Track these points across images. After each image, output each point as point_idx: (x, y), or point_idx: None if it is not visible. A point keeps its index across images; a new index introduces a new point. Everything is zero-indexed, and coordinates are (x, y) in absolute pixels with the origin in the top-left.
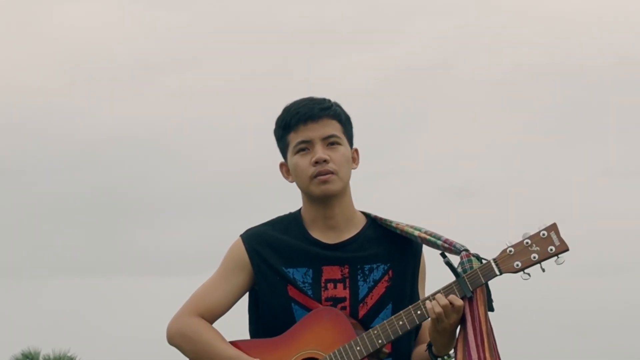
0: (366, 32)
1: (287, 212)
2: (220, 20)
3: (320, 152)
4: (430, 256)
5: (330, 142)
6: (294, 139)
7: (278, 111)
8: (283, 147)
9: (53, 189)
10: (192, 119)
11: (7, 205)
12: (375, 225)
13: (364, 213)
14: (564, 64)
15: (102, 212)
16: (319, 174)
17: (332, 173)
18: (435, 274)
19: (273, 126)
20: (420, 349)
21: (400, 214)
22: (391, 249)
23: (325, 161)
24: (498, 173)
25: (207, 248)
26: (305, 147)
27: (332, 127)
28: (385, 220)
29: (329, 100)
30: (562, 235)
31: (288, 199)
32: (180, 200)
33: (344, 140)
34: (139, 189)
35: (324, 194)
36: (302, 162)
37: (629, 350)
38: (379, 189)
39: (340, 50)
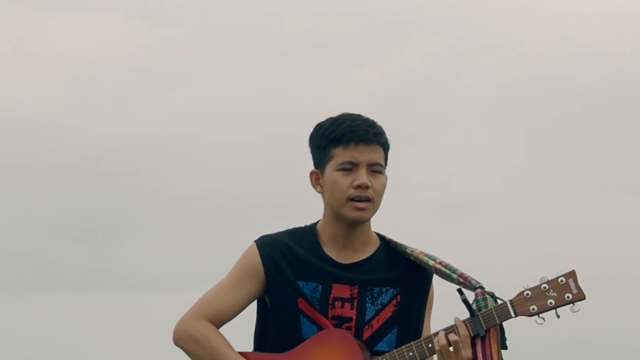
0: (361, 48)
1: (283, 228)
2: (217, 36)
3: (364, 177)
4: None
5: (374, 169)
6: (341, 155)
7: (276, 126)
8: (322, 157)
9: (47, 203)
10: (190, 134)
11: (2, 219)
12: (389, 249)
13: (378, 235)
14: (559, 80)
15: (98, 225)
16: (358, 198)
17: (369, 201)
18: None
19: (273, 139)
20: None
21: (395, 230)
22: (402, 274)
23: (367, 187)
24: (492, 189)
25: (203, 264)
26: (350, 167)
27: (379, 155)
28: (400, 245)
29: (378, 125)
30: (579, 283)
31: (287, 216)
32: (177, 215)
33: (384, 169)
34: (135, 203)
35: (356, 221)
36: (343, 181)
37: None
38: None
39: (334, 67)
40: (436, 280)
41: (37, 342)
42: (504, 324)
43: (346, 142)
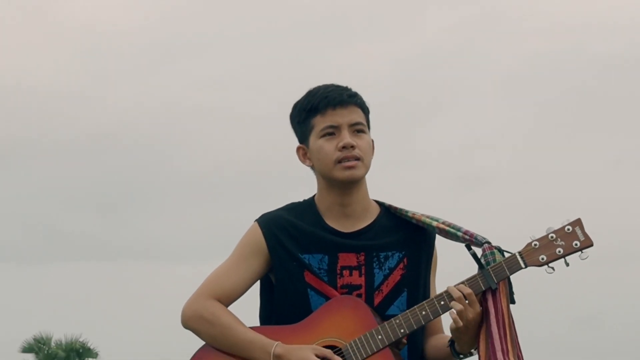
0: (380, 20)
1: (299, 199)
2: (234, 7)
3: (347, 137)
4: (440, 246)
5: (356, 129)
6: (321, 122)
7: (290, 99)
8: (304, 130)
9: (63, 174)
10: (204, 106)
11: (18, 190)
12: (389, 214)
13: (377, 202)
14: (576, 54)
15: (113, 197)
16: (345, 159)
17: (357, 159)
18: (445, 264)
19: (289, 111)
20: (437, 342)
21: (413, 202)
22: (406, 237)
23: (352, 147)
24: (510, 162)
25: (217, 235)
26: (332, 131)
27: (358, 115)
28: (400, 209)
29: (351, 89)
30: (586, 230)
31: (299, 186)
32: (190, 186)
33: (367, 129)
34: (149, 175)
35: (349, 179)
36: (328, 146)
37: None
38: (392, 178)
39: (353, 39)
40: (438, 241)
41: (51, 311)
42: (512, 278)
43: (323, 108)
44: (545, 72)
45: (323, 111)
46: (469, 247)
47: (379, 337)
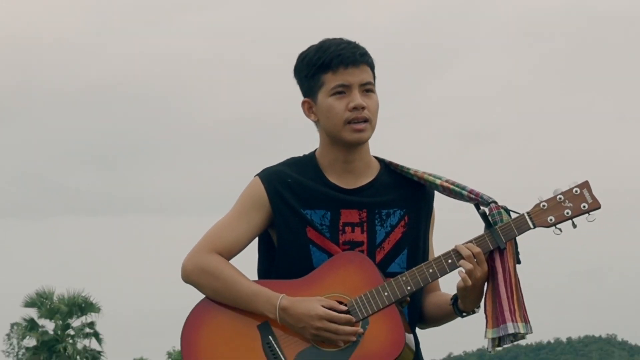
0: None
1: (301, 154)
2: None
3: (358, 98)
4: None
5: (366, 88)
6: (332, 80)
7: (296, 50)
8: (312, 85)
9: (66, 128)
10: (210, 59)
11: (19, 144)
12: (389, 171)
13: (377, 158)
14: (582, 6)
15: (116, 151)
16: (355, 120)
17: (366, 121)
18: (442, 223)
19: (294, 63)
20: (437, 299)
21: (417, 157)
22: (407, 195)
23: (363, 108)
24: (514, 117)
25: (222, 189)
26: (343, 90)
27: (368, 74)
28: (402, 166)
29: (361, 45)
30: (594, 192)
31: (305, 141)
32: (196, 139)
33: (375, 88)
34: (153, 129)
35: (357, 142)
36: (338, 105)
37: None
38: (395, 132)
39: None
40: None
41: (53, 266)
42: (518, 239)
43: (335, 66)
44: (551, 25)
45: (335, 69)
46: (477, 207)
47: (385, 293)
